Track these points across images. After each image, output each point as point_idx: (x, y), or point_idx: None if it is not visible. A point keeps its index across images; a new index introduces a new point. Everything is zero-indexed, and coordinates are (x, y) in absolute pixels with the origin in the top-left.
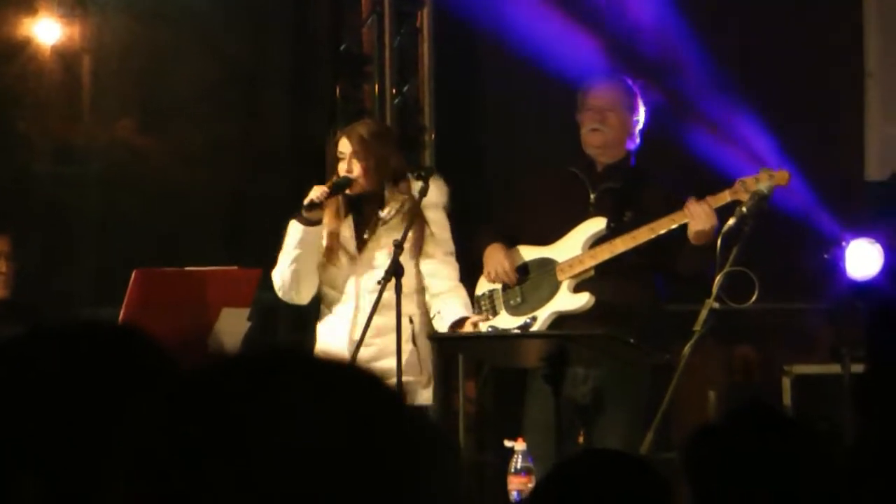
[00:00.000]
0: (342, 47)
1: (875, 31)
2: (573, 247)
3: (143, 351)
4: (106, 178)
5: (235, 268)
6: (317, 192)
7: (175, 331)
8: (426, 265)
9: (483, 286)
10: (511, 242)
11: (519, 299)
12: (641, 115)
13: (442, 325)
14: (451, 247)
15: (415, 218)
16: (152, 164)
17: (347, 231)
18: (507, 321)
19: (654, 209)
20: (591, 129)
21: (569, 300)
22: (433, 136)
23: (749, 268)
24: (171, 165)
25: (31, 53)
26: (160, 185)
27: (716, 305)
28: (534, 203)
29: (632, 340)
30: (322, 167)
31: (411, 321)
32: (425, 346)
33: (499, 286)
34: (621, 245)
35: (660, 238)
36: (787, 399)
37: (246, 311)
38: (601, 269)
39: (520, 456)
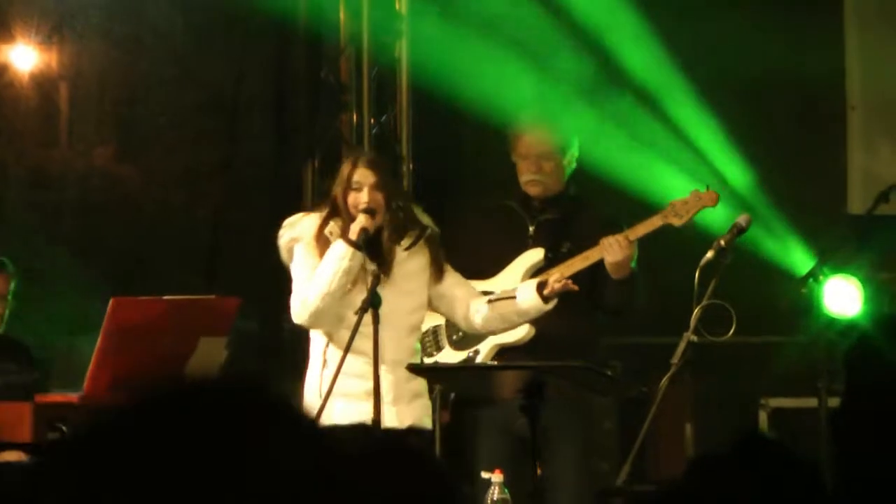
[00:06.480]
0: (321, 75)
1: (858, 65)
2: (513, 279)
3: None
4: (83, 204)
5: (213, 296)
6: (367, 222)
7: (153, 360)
8: (448, 283)
9: (426, 322)
10: None
11: (461, 333)
12: (575, 149)
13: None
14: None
15: (437, 243)
16: (130, 192)
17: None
18: (450, 356)
19: (592, 237)
20: (528, 180)
21: (509, 332)
22: (411, 166)
23: (726, 301)
24: (148, 193)
25: (8, 80)
26: (137, 213)
27: (694, 338)
28: (474, 237)
29: (609, 372)
30: (299, 195)
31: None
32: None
33: (442, 321)
34: (557, 275)
35: (596, 270)
36: None
37: (224, 340)
38: None
39: (496, 487)
